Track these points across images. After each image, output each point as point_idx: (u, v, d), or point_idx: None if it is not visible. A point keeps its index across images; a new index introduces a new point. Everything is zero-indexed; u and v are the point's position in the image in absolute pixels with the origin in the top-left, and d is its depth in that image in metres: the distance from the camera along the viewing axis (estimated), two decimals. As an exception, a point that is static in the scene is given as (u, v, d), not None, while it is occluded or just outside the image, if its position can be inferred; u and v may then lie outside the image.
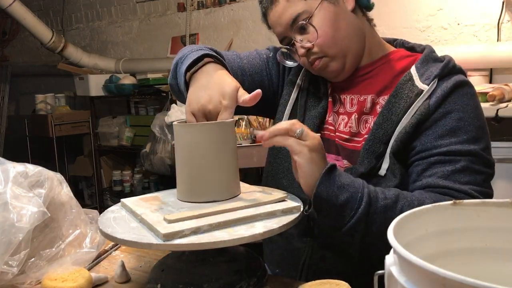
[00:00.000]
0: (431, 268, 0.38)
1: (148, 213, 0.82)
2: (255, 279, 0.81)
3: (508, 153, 2.01)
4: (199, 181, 0.85)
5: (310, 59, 1.01)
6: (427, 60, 1.00)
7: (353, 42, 1.01)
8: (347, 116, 1.05)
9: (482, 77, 2.37)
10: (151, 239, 0.73)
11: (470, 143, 0.91)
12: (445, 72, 0.97)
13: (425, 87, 0.95)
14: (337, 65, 1.01)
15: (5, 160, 0.95)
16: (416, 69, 0.99)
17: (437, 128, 0.92)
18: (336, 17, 0.99)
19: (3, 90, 4.95)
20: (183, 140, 0.85)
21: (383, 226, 0.81)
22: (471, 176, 0.90)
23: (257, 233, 0.73)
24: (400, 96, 0.97)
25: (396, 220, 0.50)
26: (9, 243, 0.82)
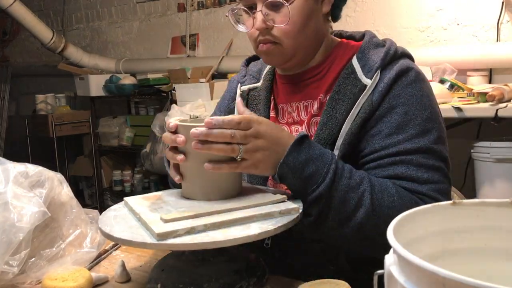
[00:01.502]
0: (431, 268, 0.38)
1: (147, 212, 0.82)
2: (255, 279, 0.82)
3: (508, 153, 2.01)
4: (201, 179, 0.85)
5: (261, 38, 0.95)
6: (368, 47, 0.96)
7: (311, 43, 0.98)
8: (299, 124, 1.02)
9: (481, 77, 2.37)
10: (146, 238, 0.73)
11: (419, 137, 0.87)
12: (387, 61, 0.93)
13: (368, 81, 0.91)
14: (282, 58, 0.97)
15: (6, 160, 0.95)
16: (357, 59, 0.95)
17: (383, 127, 0.89)
18: (311, 14, 0.95)
19: (4, 90, 4.95)
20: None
21: (341, 205, 0.82)
22: (427, 174, 0.86)
23: (252, 234, 0.72)
24: (343, 92, 0.93)
25: (396, 220, 0.50)
26: (10, 243, 0.82)
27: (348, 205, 0.82)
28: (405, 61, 0.94)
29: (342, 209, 0.82)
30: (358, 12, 2.85)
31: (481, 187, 2.11)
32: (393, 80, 0.91)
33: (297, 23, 0.93)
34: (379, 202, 0.83)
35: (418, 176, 0.86)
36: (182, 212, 0.79)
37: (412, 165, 0.86)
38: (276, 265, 0.98)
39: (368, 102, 0.90)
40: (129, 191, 3.86)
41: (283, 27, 0.93)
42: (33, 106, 4.17)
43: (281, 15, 0.93)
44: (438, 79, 2.32)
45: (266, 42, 0.95)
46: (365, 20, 2.81)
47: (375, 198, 0.82)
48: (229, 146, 0.78)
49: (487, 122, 2.17)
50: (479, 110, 1.99)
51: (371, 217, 0.82)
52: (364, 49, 0.96)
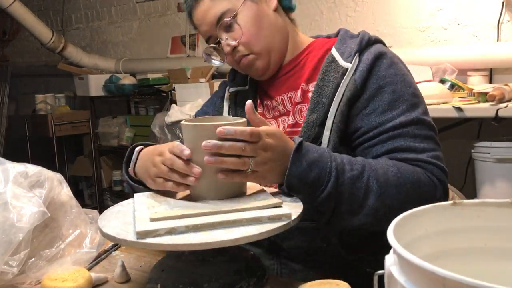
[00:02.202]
0: (431, 268, 0.38)
1: (144, 209, 0.82)
2: (255, 279, 0.81)
3: (508, 153, 2.01)
4: (203, 180, 0.84)
5: (236, 57, 1.05)
6: (344, 38, 1.05)
7: (276, 40, 1.05)
8: (286, 115, 1.08)
9: (482, 77, 2.37)
10: (128, 235, 0.73)
11: (410, 111, 0.95)
12: (363, 46, 1.01)
13: (348, 65, 0.99)
14: (262, 63, 1.05)
15: (5, 160, 0.95)
16: (336, 49, 1.03)
17: (376, 105, 0.96)
18: (259, 16, 1.03)
19: (3, 90, 4.95)
20: (187, 139, 0.85)
21: (351, 196, 0.85)
22: (423, 143, 0.93)
23: (229, 239, 0.71)
24: (327, 79, 1.00)
25: (396, 220, 0.50)
26: (9, 243, 0.82)
27: (358, 194, 0.85)
28: (379, 46, 1.03)
29: (353, 200, 0.86)
30: (358, 12, 2.85)
31: (481, 187, 2.11)
32: (372, 61, 0.98)
33: (251, 29, 1.02)
34: (386, 183, 0.86)
35: (416, 146, 0.93)
36: (172, 211, 0.79)
37: (409, 137, 0.93)
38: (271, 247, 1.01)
39: (351, 82, 0.97)
40: (129, 191, 3.86)
41: (243, 39, 1.02)
42: (32, 106, 4.17)
43: (235, 31, 1.02)
44: (438, 79, 2.32)
45: (241, 58, 1.04)
46: (365, 20, 2.81)
47: (381, 181, 0.86)
48: (241, 160, 0.80)
49: (487, 122, 2.17)
50: (479, 110, 1.99)
51: (382, 200, 0.86)
52: (341, 40, 1.05)
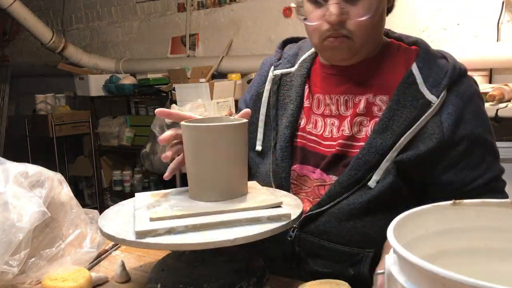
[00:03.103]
0: (431, 268, 0.38)
1: (143, 208, 0.82)
2: (255, 279, 0.81)
3: (508, 153, 2.00)
4: (203, 181, 0.84)
5: (332, 32, 0.89)
6: (428, 57, 0.93)
7: (377, 38, 0.95)
8: (337, 119, 0.98)
9: (482, 77, 2.37)
10: (127, 235, 0.73)
11: (495, 163, 0.93)
12: (455, 79, 0.91)
13: (433, 98, 0.88)
14: (349, 53, 0.92)
15: (6, 160, 0.95)
16: (418, 69, 0.91)
17: (467, 159, 0.90)
18: (382, 8, 0.93)
19: (3, 90, 4.95)
20: (188, 139, 0.85)
21: None
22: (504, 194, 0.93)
23: (227, 239, 0.70)
24: (403, 104, 0.89)
25: (396, 220, 0.50)
26: (10, 243, 0.82)
27: None
28: (469, 82, 0.94)
29: None
30: (358, 12, 2.85)
31: (481, 187, 2.10)
32: (463, 106, 0.89)
33: (374, 17, 0.89)
34: None
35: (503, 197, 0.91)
36: (171, 211, 0.79)
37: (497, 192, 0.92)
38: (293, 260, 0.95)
39: (437, 125, 0.88)
40: (129, 191, 3.86)
41: (361, 21, 0.87)
42: (33, 106, 4.17)
43: (359, 8, 0.87)
44: (438, 79, 2.31)
45: (338, 36, 0.90)
46: (365, 20, 2.81)
47: None
48: None
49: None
50: (479, 110, 1.98)
51: None
52: (423, 58, 0.93)
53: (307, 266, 0.94)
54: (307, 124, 1.01)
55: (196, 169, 0.85)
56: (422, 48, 0.95)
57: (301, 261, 0.95)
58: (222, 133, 0.82)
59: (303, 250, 0.95)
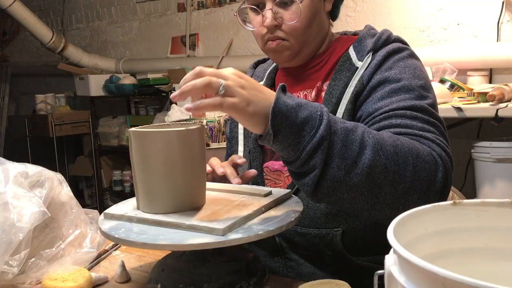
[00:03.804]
0: (431, 268, 0.38)
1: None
2: (255, 279, 0.82)
3: (508, 153, 2.01)
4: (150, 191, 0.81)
5: (270, 35, 0.98)
6: (364, 37, 1.01)
7: (315, 40, 1.02)
8: None
9: (482, 77, 2.37)
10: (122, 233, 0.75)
11: (413, 99, 0.87)
12: (379, 45, 0.97)
13: (360, 63, 0.96)
14: (291, 53, 1.00)
15: (6, 160, 0.95)
16: (353, 47, 1.00)
17: (376, 94, 0.90)
18: (317, 11, 0.99)
19: (3, 90, 4.95)
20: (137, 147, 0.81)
21: (344, 149, 0.72)
22: (423, 124, 0.84)
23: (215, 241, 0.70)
24: (339, 78, 0.97)
25: (396, 220, 0.50)
26: (10, 243, 0.82)
27: (352, 147, 0.73)
28: (397, 44, 0.97)
29: (346, 154, 0.73)
30: (358, 12, 2.85)
31: (481, 187, 2.11)
32: (384, 57, 0.94)
33: (305, 20, 0.97)
34: (382, 140, 0.75)
35: (413, 124, 0.84)
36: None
37: (407, 117, 0.85)
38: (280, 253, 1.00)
39: (359, 81, 0.94)
40: (129, 191, 3.86)
41: (293, 24, 0.96)
42: (33, 106, 4.17)
43: (291, 12, 0.96)
44: (438, 79, 2.32)
45: (274, 39, 0.98)
46: (365, 20, 2.81)
47: (377, 138, 0.75)
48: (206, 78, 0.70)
49: (487, 122, 2.17)
50: (479, 110, 1.99)
51: (378, 157, 0.73)
52: (361, 39, 1.01)
53: (290, 255, 0.99)
54: None
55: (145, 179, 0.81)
56: (363, 31, 1.03)
57: (284, 251, 1.00)
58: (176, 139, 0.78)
59: (283, 239, 0.99)
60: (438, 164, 0.79)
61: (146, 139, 0.79)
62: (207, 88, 0.69)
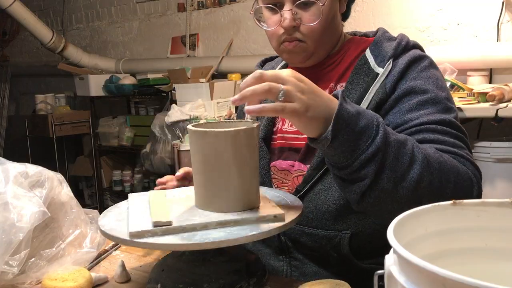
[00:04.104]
0: (431, 268, 0.38)
1: (143, 209, 0.83)
2: (255, 279, 0.82)
3: (508, 153, 2.01)
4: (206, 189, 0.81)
5: (287, 36, 0.96)
6: (381, 41, 0.99)
7: (330, 41, 1.01)
8: None
9: (482, 77, 2.37)
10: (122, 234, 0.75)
11: (441, 113, 0.88)
12: (399, 51, 0.96)
13: (380, 70, 0.94)
14: (305, 56, 0.99)
15: (6, 160, 0.95)
16: (370, 51, 0.98)
17: (403, 105, 0.90)
18: (334, 13, 0.99)
19: (3, 90, 4.96)
20: (192, 143, 0.81)
21: (396, 162, 0.74)
22: (454, 140, 0.86)
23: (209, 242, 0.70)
24: (356, 82, 0.95)
25: (396, 220, 0.50)
26: (10, 243, 0.82)
27: (403, 161, 0.75)
28: (416, 51, 0.97)
29: (397, 166, 0.75)
30: (358, 12, 2.85)
31: (481, 187, 2.10)
32: (406, 66, 0.93)
33: (324, 21, 0.95)
34: (429, 156, 0.78)
35: (445, 140, 0.85)
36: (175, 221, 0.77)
37: (438, 132, 0.86)
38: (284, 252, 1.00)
39: (382, 89, 0.92)
40: (129, 191, 3.86)
41: (312, 26, 0.94)
42: (33, 106, 4.17)
43: (311, 14, 0.94)
44: (438, 79, 2.31)
45: (292, 41, 0.97)
46: (365, 20, 2.81)
47: (425, 153, 0.77)
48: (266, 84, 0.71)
49: (487, 122, 2.17)
50: (479, 110, 1.99)
51: (425, 173, 0.76)
52: (377, 42, 0.99)
53: (295, 254, 0.99)
54: (283, 126, 1.07)
55: (202, 177, 0.81)
56: (378, 34, 1.02)
57: (289, 250, 0.99)
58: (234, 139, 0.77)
59: (288, 238, 0.99)
60: (474, 182, 0.82)
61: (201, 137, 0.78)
62: (267, 94, 0.71)
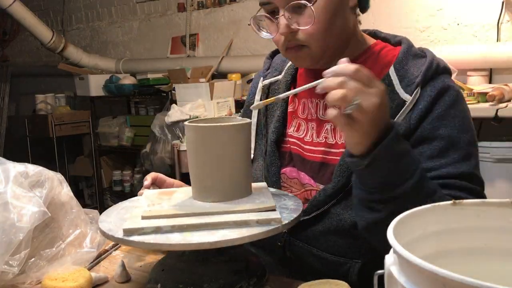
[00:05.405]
0: (431, 268, 0.38)
1: (143, 206, 0.83)
2: (255, 279, 0.82)
3: (508, 153, 2.01)
4: (204, 181, 0.85)
5: (289, 43, 0.91)
6: (406, 58, 0.91)
7: (339, 41, 0.92)
8: (316, 123, 0.98)
9: (482, 77, 2.37)
10: (118, 232, 0.75)
11: (462, 162, 0.84)
12: (429, 76, 0.88)
13: (407, 97, 0.87)
14: (313, 59, 0.92)
15: (6, 160, 0.95)
16: (395, 70, 0.90)
17: (425, 149, 0.85)
18: (337, 10, 0.89)
19: (3, 90, 4.95)
20: (190, 139, 0.85)
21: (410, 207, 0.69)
22: (470, 196, 0.82)
23: (207, 242, 0.70)
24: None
25: (396, 220, 0.50)
26: (10, 243, 0.82)
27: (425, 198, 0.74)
28: (446, 79, 0.89)
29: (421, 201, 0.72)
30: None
31: (481, 187, 2.10)
32: (434, 100, 0.86)
33: (322, 22, 0.88)
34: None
35: (461, 196, 0.81)
36: (164, 210, 0.80)
37: (455, 189, 0.82)
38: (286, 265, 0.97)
39: (406, 121, 0.86)
40: (129, 191, 3.86)
41: (309, 29, 0.87)
42: (33, 106, 4.17)
43: (305, 17, 0.87)
44: (438, 79, 2.32)
45: (293, 46, 0.91)
46: (365, 20, 2.79)
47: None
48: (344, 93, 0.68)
49: (487, 122, 2.17)
50: (479, 110, 1.99)
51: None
52: (402, 60, 0.91)
53: (299, 271, 0.95)
54: (289, 128, 1.03)
55: (197, 170, 0.86)
56: (403, 49, 0.93)
57: (293, 265, 0.96)
58: (224, 133, 0.83)
59: (294, 255, 0.96)
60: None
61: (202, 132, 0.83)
62: (339, 101, 0.69)
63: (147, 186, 0.99)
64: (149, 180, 1.00)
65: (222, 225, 0.75)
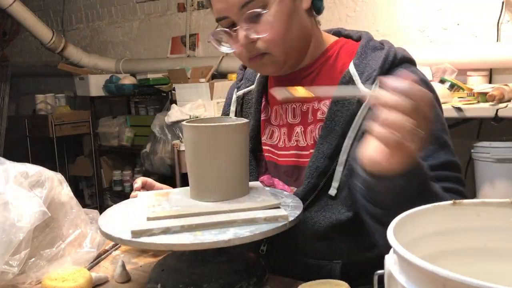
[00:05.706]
0: (431, 268, 0.38)
1: (144, 208, 0.82)
2: (255, 279, 0.82)
3: (508, 153, 2.01)
4: (203, 181, 0.85)
5: (250, 53, 0.91)
6: (365, 52, 0.91)
7: (300, 43, 0.93)
8: (287, 128, 0.99)
9: (481, 77, 2.37)
10: (124, 234, 0.74)
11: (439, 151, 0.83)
12: (386, 68, 0.87)
13: (367, 92, 0.84)
14: (276, 66, 0.93)
15: (6, 160, 0.95)
16: (354, 66, 0.90)
17: None
18: (292, 14, 0.89)
19: (3, 90, 4.95)
20: (188, 139, 0.86)
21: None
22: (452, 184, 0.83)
23: (221, 240, 0.71)
24: (341, 103, 0.89)
25: (396, 220, 0.50)
26: (10, 243, 0.82)
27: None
28: (406, 68, 0.89)
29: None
30: (358, 12, 2.85)
31: (481, 187, 2.11)
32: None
33: (279, 28, 0.88)
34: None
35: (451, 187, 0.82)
36: (169, 211, 0.80)
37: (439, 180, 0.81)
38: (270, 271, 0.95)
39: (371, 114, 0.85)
40: (129, 191, 3.86)
41: (267, 37, 0.88)
42: (33, 106, 4.17)
43: (262, 25, 0.87)
44: (438, 79, 2.32)
45: (255, 56, 0.91)
46: (365, 20, 2.81)
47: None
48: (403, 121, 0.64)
49: (487, 122, 2.17)
50: (479, 110, 1.99)
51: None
52: (360, 54, 0.91)
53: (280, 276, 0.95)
54: (263, 136, 1.04)
55: (196, 170, 0.86)
56: (361, 43, 0.93)
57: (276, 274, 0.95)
58: (222, 133, 0.83)
59: (276, 263, 0.96)
60: None
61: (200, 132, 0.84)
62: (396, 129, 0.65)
63: (137, 189, 1.00)
64: (139, 183, 1.01)
65: (231, 224, 0.76)
